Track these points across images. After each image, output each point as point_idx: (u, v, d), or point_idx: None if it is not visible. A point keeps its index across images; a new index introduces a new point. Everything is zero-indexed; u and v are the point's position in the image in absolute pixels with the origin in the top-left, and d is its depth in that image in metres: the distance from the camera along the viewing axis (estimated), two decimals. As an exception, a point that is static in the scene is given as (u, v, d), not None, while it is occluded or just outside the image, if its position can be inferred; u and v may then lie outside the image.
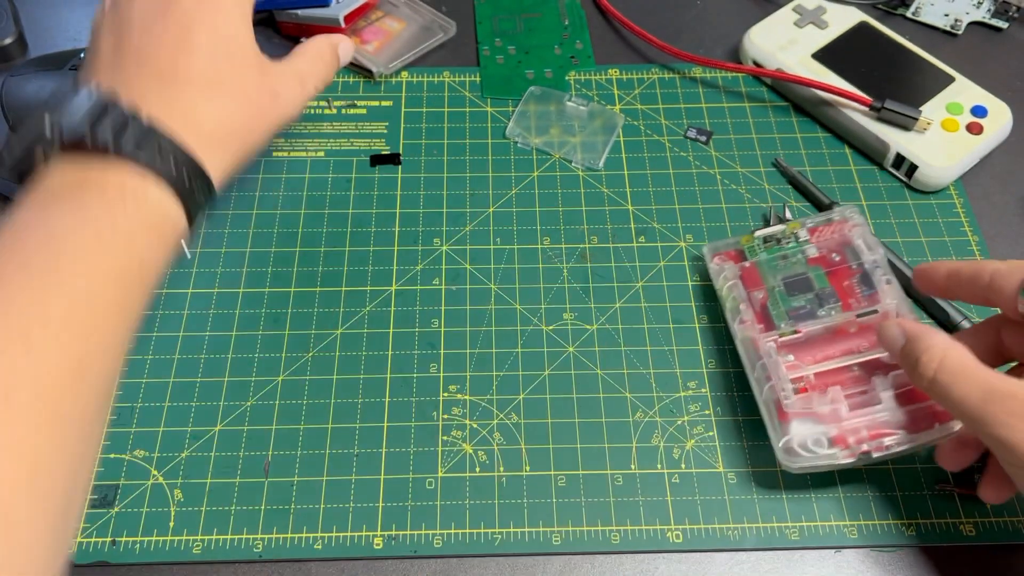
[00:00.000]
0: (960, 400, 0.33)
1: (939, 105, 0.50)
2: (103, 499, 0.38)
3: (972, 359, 0.33)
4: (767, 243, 0.43)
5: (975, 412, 0.32)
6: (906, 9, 0.58)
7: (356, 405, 0.41)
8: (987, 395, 0.32)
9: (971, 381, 0.32)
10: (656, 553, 0.37)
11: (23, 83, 0.48)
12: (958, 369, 0.33)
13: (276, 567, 0.37)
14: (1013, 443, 0.31)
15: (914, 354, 0.35)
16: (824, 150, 0.51)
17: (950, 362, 0.33)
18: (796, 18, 0.55)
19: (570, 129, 0.52)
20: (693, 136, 0.52)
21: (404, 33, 0.55)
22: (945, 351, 0.34)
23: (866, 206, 0.49)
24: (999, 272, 0.35)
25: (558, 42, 0.56)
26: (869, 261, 0.42)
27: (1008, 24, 0.57)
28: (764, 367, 0.39)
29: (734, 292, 0.42)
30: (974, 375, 0.33)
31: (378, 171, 0.50)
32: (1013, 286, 0.34)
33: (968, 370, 0.33)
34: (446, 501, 0.39)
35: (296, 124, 0.52)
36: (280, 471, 0.39)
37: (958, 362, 0.33)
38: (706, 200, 0.49)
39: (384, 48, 0.53)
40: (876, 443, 0.37)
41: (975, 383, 0.32)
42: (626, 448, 0.40)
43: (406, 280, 0.45)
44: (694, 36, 0.57)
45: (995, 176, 0.50)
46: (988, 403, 0.32)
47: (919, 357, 0.34)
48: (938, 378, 0.33)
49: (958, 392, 0.33)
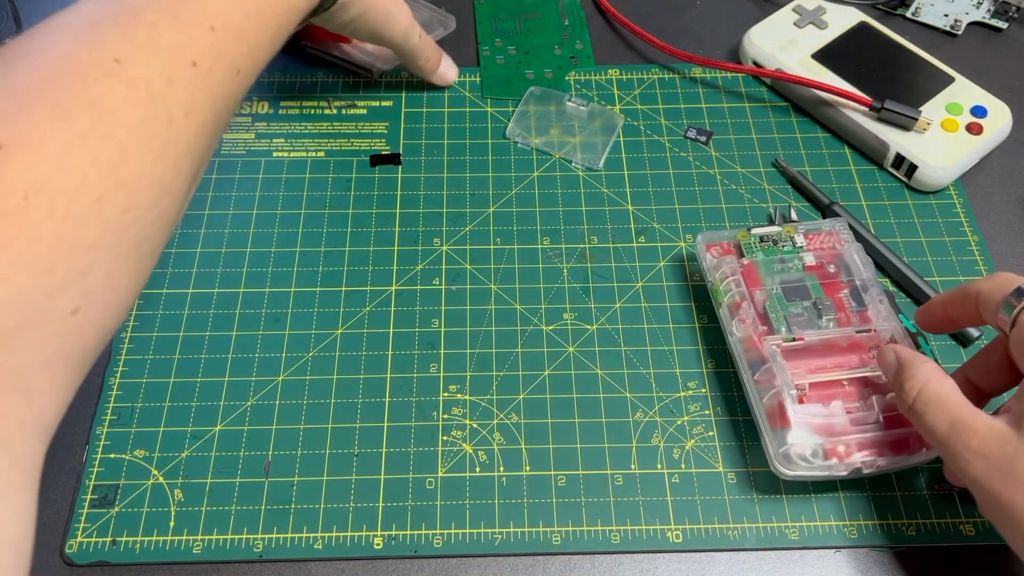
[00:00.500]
0: (930, 429, 0.33)
1: (939, 105, 0.50)
2: (103, 499, 0.38)
3: (949, 390, 0.34)
4: (763, 242, 0.43)
5: (941, 442, 0.33)
6: (906, 9, 0.58)
7: (356, 405, 0.41)
8: (952, 427, 0.32)
9: (941, 411, 0.33)
10: (656, 553, 0.37)
11: (23, 83, 0.48)
12: (932, 399, 0.34)
13: (276, 567, 0.37)
14: (969, 477, 0.32)
15: (900, 380, 0.35)
16: (824, 150, 0.51)
17: (927, 392, 0.34)
18: (796, 18, 0.55)
19: (570, 129, 0.52)
20: (693, 136, 0.52)
21: None
22: (926, 380, 0.34)
23: (866, 206, 0.49)
24: (983, 291, 0.35)
25: (558, 42, 0.56)
26: (861, 279, 0.42)
27: (1008, 24, 0.57)
28: (769, 371, 0.39)
29: (735, 287, 0.42)
30: (945, 406, 0.33)
31: (378, 171, 0.50)
32: (996, 303, 0.34)
33: (940, 400, 0.33)
34: (446, 501, 0.39)
35: (296, 124, 0.52)
36: (280, 471, 0.39)
37: (934, 392, 0.34)
38: (706, 200, 0.49)
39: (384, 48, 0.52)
40: (871, 460, 0.37)
41: (944, 414, 0.33)
42: (626, 448, 0.40)
43: (406, 280, 0.45)
44: (694, 36, 0.57)
45: (995, 176, 0.50)
46: (952, 435, 0.32)
47: (903, 384, 0.35)
48: (915, 406, 0.34)
49: (929, 421, 0.33)
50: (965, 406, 0.33)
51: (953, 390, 0.34)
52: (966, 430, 0.32)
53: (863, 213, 0.48)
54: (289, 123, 0.52)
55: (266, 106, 0.53)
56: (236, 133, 0.51)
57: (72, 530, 0.37)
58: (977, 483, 0.32)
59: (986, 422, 0.32)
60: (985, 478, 0.31)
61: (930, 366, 0.35)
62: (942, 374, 0.35)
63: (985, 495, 0.32)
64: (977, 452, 0.32)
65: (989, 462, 0.31)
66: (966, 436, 0.32)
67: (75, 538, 0.37)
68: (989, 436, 0.31)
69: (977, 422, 0.32)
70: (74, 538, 0.37)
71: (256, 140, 0.51)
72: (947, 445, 0.33)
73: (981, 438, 0.32)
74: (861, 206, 0.49)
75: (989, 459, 0.31)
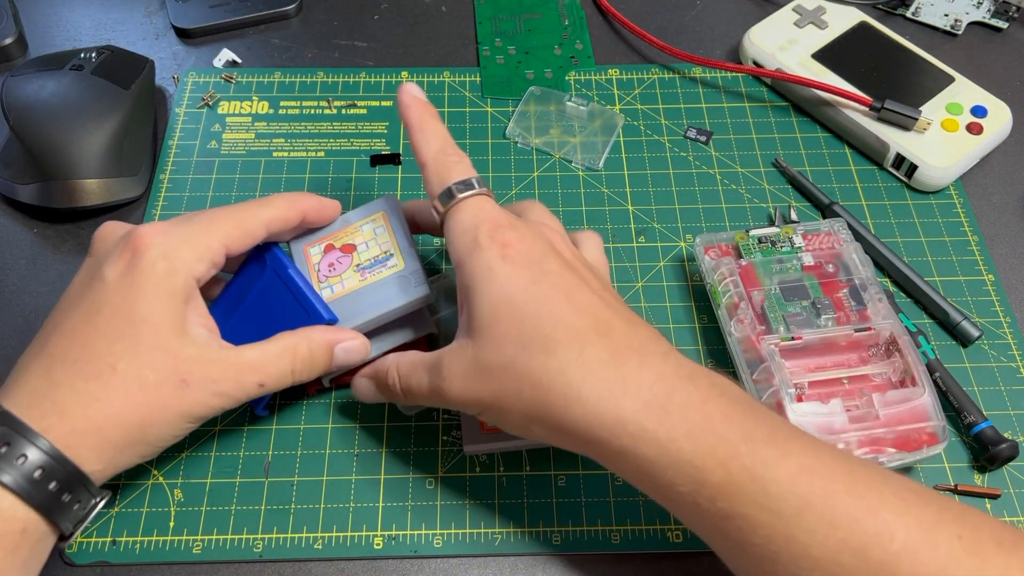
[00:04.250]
0: (420, 392, 0.35)
1: (939, 105, 0.50)
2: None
3: (410, 355, 0.36)
4: (761, 243, 0.43)
5: (434, 392, 0.34)
6: (906, 9, 0.58)
7: (356, 405, 0.41)
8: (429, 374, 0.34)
9: (416, 374, 0.35)
10: (656, 553, 0.37)
11: (23, 83, 0.48)
12: (405, 370, 0.36)
13: (276, 567, 0.37)
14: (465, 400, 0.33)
15: (383, 382, 0.37)
16: (824, 150, 0.51)
17: (401, 369, 0.36)
18: (796, 18, 0.55)
19: (570, 129, 0.52)
20: (693, 136, 0.52)
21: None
22: (392, 363, 0.36)
23: (866, 206, 0.49)
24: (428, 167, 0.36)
25: (558, 42, 0.56)
26: (860, 278, 0.42)
27: (1008, 24, 0.57)
28: (767, 370, 0.39)
29: (733, 288, 0.42)
30: (416, 368, 0.35)
31: (378, 171, 0.50)
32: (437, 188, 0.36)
33: (412, 366, 0.35)
34: (446, 501, 0.39)
35: (296, 124, 0.52)
36: (280, 471, 0.39)
37: (404, 364, 0.36)
38: (706, 200, 0.49)
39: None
40: (870, 458, 0.37)
41: (421, 372, 0.35)
42: (626, 448, 0.40)
43: (406, 280, 0.45)
44: (694, 36, 0.57)
45: (995, 176, 0.50)
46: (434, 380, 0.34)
47: (387, 383, 0.36)
48: (404, 388, 0.36)
49: (416, 388, 0.35)
50: (429, 356, 0.35)
51: (414, 354, 0.36)
52: (438, 366, 0.34)
53: (863, 213, 0.48)
54: (289, 123, 0.52)
55: (266, 106, 0.53)
56: (236, 133, 0.51)
57: (72, 530, 0.37)
58: (474, 401, 0.33)
59: (448, 350, 0.34)
60: (470, 391, 0.33)
61: (390, 357, 0.37)
62: (400, 353, 0.37)
63: (478, 405, 0.33)
64: (454, 375, 0.33)
65: (463, 375, 0.33)
66: (440, 371, 0.34)
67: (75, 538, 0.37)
68: (453, 358, 0.33)
69: (443, 356, 0.34)
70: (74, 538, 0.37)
71: (256, 140, 0.51)
72: (439, 391, 0.34)
73: (448, 364, 0.34)
74: (861, 206, 0.49)
75: (461, 373, 0.33)
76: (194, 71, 0.55)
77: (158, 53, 0.56)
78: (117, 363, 0.32)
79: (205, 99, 0.53)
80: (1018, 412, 0.41)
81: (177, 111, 0.52)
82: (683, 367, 0.32)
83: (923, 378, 0.38)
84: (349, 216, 0.40)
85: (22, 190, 0.47)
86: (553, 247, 0.34)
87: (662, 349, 0.32)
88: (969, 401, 0.41)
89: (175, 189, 0.49)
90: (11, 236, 0.47)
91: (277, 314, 0.37)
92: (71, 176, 0.46)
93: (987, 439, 0.39)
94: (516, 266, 0.33)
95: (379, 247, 0.39)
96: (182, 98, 0.53)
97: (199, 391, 0.33)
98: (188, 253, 0.34)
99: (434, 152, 0.37)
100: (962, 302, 0.45)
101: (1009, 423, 0.41)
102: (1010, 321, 0.44)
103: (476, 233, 0.34)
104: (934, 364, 0.42)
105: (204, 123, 0.52)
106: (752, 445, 0.29)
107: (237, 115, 0.52)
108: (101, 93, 0.48)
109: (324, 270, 0.39)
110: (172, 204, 0.48)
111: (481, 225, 0.34)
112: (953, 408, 0.41)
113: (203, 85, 0.54)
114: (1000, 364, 0.43)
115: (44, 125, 0.46)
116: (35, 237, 0.47)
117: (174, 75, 0.54)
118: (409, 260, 0.38)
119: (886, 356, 0.40)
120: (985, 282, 0.46)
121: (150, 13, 0.58)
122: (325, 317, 0.37)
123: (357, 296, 0.38)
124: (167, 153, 0.50)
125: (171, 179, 0.49)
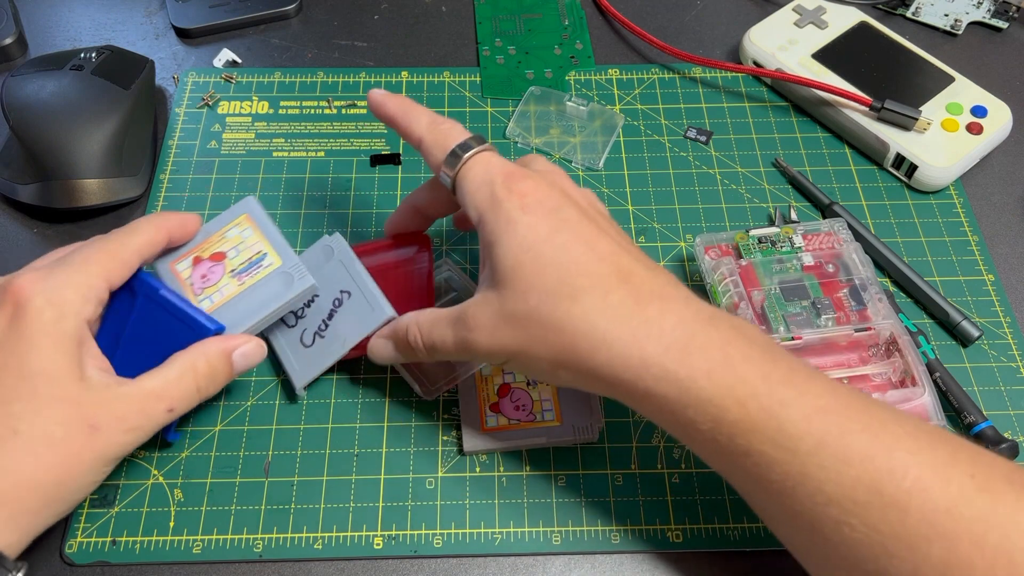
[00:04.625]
0: (445, 347, 0.35)
1: (939, 105, 0.50)
2: (103, 499, 0.38)
3: (429, 312, 0.36)
4: (761, 243, 0.43)
5: (459, 346, 0.35)
6: (906, 9, 0.58)
7: (356, 405, 0.41)
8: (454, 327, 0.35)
9: (439, 327, 0.35)
10: (656, 553, 0.37)
11: (23, 83, 0.48)
12: (426, 326, 0.36)
13: (276, 567, 0.37)
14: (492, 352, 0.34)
15: (403, 341, 0.37)
16: (824, 150, 0.51)
17: (422, 325, 0.36)
18: (796, 18, 0.55)
19: (570, 129, 0.52)
20: (693, 136, 0.52)
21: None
22: (411, 321, 0.37)
23: (866, 206, 0.49)
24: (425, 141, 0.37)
25: (558, 42, 0.56)
26: (860, 278, 0.42)
27: (1008, 24, 0.57)
28: None
29: (733, 288, 0.42)
30: (438, 323, 0.35)
31: (378, 171, 0.50)
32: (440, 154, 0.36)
33: (432, 322, 0.36)
34: (446, 501, 0.39)
35: (296, 124, 0.52)
36: (280, 471, 0.39)
37: (424, 321, 0.36)
38: (706, 200, 0.49)
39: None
40: None
41: (443, 326, 0.35)
42: (626, 448, 0.40)
43: (406, 280, 0.45)
44: (694, 36, 0.57)
45: (995, 176, 0.50)
46: (459, 333, 0.34)
47: (407, 340, 0.37)
48: (427, 344, 0.36)
49: (440, 343, 0.35)
50: (450, 311, 0.35)
51: (433, 311, 0.36)
52: (463, 319, 0.34)
53: (863, 213, 0.48)
54: (289, 123, 0.52)
55: (266, 106, 0.53)
56: (236, 133, 0.51)
57: (72, 530, 0.37)
58: (501, 350, 0.34)
59: (471, 302, 0.34)
60: (496, 340, 0.33)
61: (407, 316, 0.37)
62: (418, 311, 0.37)
63: (505, 353, 0.34)
64: (480, 325, 0.34)
65: (490, 326, 0.33)
66: (466, 322, 0.34)
67: (75, 538, 0.37)
68: (478, 309, 0.34)
69: (466, 308, 0.34)
70: (74, 538, 0.37)
71: (256, 140, 0.51)
72: (465, 342, 0.34)
73: (473, 315, 0.34)
74: (861, 206, 0.49)
75: (488, 323, 0.33)
76: (194, 71, 0.55)
77: (158, 53, 0.56)
78: (18, 425, 0.31)
79: (205, 99, 0.53)
80: (1018, 412, 0.41)
81: (177, 111, 0.52)
82: (703, 311, 0.32)
83: (923, 378, 0.38)
84: (209, 227, 0.40)
85: (22, 190, 0.47)
86: (567, 195, 0.35)
87: (682, 294, 0.33)
88: (969, 401, 0.41)
89: (175, 189, 0.49)
90: (11, 236, 0.47)
91: (162, 338, 0.36)
92: (71, 176, 0.46)
93: (987, 439, 0.39)
94: (536, 216, 0.33)
95: (250, 249, 0.39)
96: (182, 98, 0.53)
97: (110, 432, 0.32)
98: (73, 295, 0.33)
99: (425, 125, 0.37)
100: (962, 302, 0.45)
101: (1009, 423, 0.41)
102: (1010, 321, 0.44)
103: (492, 187, 0.34)
104: (934, 364, 0.42)
105: (204, 123, 0.52)
106: (770, 385, 0.30)
107: (237, 115, 0.52)
108: (101, 93, 0.48)
109: (198, 283, 0.39)
110: (172, 204, 0.48)
111: (495, 178, 0.34)
112: (953, 408, 0.41)
113: (203, 85, 0.54)
114: (1000, 364, 0.43)
115: (44, 125, 0.46)
116: (35, 237, 0.47)
117: (174, 75, 0.54)
118: (286, 256, 0.39)
119: (886, 356, 0.40)
120: (985, 282, 0.46)
121: (150, 13, 0.58)
122: (212, 328, 0.36)
123: (239, 301, 0.38)
124: (167, 153, 0.50)
125: (171, 179, 0.49)
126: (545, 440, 0.39)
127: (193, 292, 0.39)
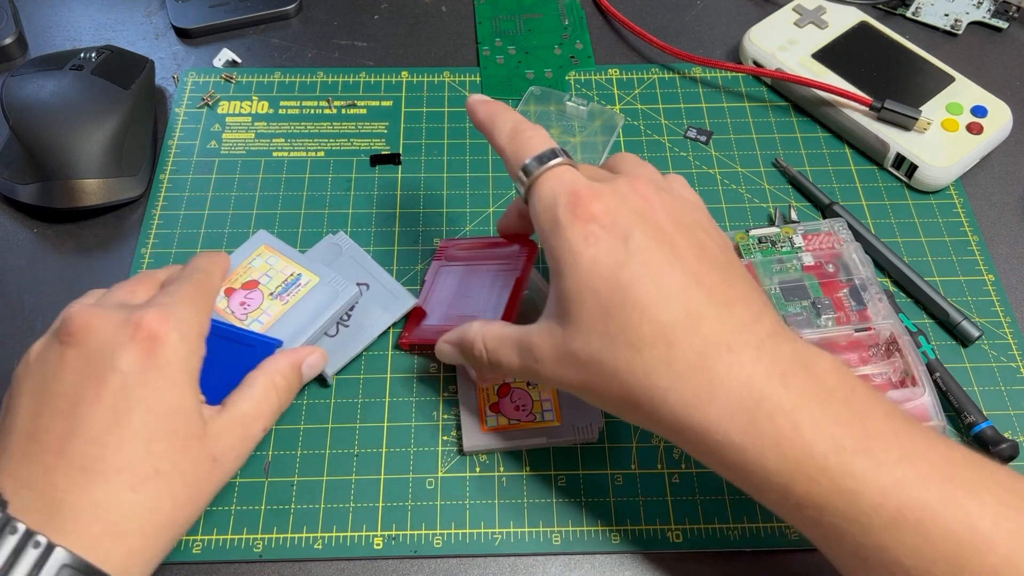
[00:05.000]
0: (509, 368, 0.35)
1: (939, 105, 0.50)
2: (103, 499, 0.38)
3: (499, 326, 0.36)
4: (761, 243, 0.43)
5: (522, 371, 0.34)
6: (906, 9, 0.58)
7: (356, 405, 0.41)
8: (519, 352, 0.34)
9: (505, 347, 0.35)
10: (656, 553, 0.37)
11: (23, 83, 0.48)
12: (493, 342, 0.35)
13: (276, 567, 0.37)
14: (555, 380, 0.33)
15: (468, 350, 0.36)
16: (824, 150, 0.51)
17: (488, 340, 0.35)
18: (796, 18, 0.55)
19: (570, 129, 0.52)
20: (693, 136, 0.52)
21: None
22: (479, 332, 0.36)
23: (866, 206, 0.49)
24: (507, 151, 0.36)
25: (558, 42, 0.56)
26: (860, 278, 0.42)
27: (1008, 24, 0.57)
28: None
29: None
30: (505, 341, 0.35)
31: (378, 171, 0.50)
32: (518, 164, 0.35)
33: (500, 339, 0.35)
34: (446, 501, 0.39)
35: (296, 124, 0.52)
36: (280, 471, 0.39)
37: (493, 335, 0.35)
38: (706, 200, 0.48)
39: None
40: None
41: (509, 346, 0.34)
42: (626, 448, 0.40)
43: (406, 280, 0.45)
44: (694, 36, 0.57)
45: (995, 176, 0.50)
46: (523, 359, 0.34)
47: (472, 351, 0.36)
48: (491, 360, 0.35)
49: (505, 362, 0.35)
50: (516, 330, 0.35)
51: (500, 327, 0.35)
52: (528, 347, 0.34)
53: (863, 213, 0.48)
54: (289, 123, 0.52)
55: (266, 106, 0.53)
56: (236, 133, 0.51)
57: (72, 530, 0.37)
58: (568, 385, 0.33)
59: (536, 330, 0.34)
60: (562, 376, 0.33)
61: (474, 326, 0.36)
62: (487, 320, 0.37)
63: (571, 388, 0.33)
64: (546, 357, 0.33)
65: (554, 360, 0.33)
66: (532, 352, 0.33)
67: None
68: (543, 341, 0.33)
69: (531, 335, 0.34)
70: (74, 538, 0.37)
71: (256, 140, 0.51)
72: (533, 371, 0.34)
73: (539, 346, 0.33)
74: (861, 206, 0.49)
75: (552, 357, 0.33)
76: (194, 71, 0.55)
77: (158, 53, 0.56)
78: (160, 464, 0.31)
79: (205, 99, 0.53)
80: (1018, 412, 0.41)
81: (177, 111, 0.52)
82: (777, 363, 0.30)
83: (923, 378, 0.38)
84: (232, 261, 0.42)
85: (22, 190, 0.47)
86: (641, 214, 0.32)
87: (756, 338, 0.30)
88: (969, 401, 0.41)
89: (175, 189, 0.49)
90: (11, 236, 0.47)
91: (228, 363, 0.36)
92: (71, 176, 0.46)
93: (987, 439, 0.39)
94: (600, 248, 0.31)
95: (282, 273, 0.41)
96: (182, 98, 0.53)
97: (225, 462, 0.33)
98: (198, 331, 0.34)
99: (507, 134, 0.36)
100: (962, 302, 0.45)
101: (1009, 423, 0.41)
102: (1010, 321, 0.44)
103: (556, 211, 0.32)
104: (934, 364, 0.42)
105: (204, 123, 0.52)
106: (842, 457, 0.28)
107: (237, 115, 0.52)
108: (101, 93, 0.48)
109: (238, 310, 0.40)
110: (172, 204, 0.48)
111: (560, 199, 0.33)
112: (953, 408, 0.41)
113: (203, 85, 0.54)
114: (1000, 364, 0.43)
115: (44, 125, 0.46)
116: (35, 237, 0.47)
117: (174, 75, 0.54)
118: (322, 272, 0.41)
119: (886, 356, 0.40)
120: (985, 282, 0.46)
121: (150, 13, 0.58)
122: (275, 344, 0.38)
123: (288, 318, 0.40)
124: (167, 153, 0.50)
125: (171, 179, 0.49)
126: (545, 440, 0.39)
127: (237, 318, 0.40)
